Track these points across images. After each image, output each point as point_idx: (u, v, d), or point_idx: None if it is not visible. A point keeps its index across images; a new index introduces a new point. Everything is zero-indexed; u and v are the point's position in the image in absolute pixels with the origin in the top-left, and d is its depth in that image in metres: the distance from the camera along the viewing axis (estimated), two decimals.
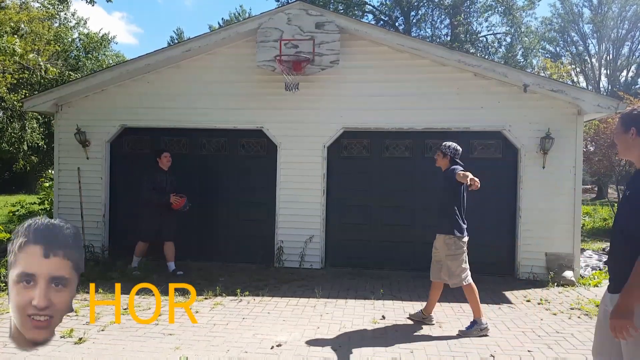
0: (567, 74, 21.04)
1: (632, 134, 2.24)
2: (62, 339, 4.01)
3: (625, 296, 2.03)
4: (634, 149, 2.26)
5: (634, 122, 2.24)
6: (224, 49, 7.16)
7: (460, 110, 6.70)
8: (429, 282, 4.67)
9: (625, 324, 2.00)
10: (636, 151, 2.25)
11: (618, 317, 2.03)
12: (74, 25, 25.75)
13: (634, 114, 2.26)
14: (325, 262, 7.02)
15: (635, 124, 2.23)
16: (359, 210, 7.06)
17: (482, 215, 6.78)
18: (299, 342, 4.05)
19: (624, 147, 2.32)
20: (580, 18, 30.19)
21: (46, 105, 7.42)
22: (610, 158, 11.67)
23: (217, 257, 7.00)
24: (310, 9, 6.78)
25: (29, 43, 14.52)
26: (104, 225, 7.38)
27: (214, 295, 5.38)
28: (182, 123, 7.22)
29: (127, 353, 3.75)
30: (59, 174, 7.51)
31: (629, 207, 2.19)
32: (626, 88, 26.72)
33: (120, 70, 7.30)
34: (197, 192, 6.98)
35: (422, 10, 27.71)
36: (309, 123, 6.98)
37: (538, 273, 6.48)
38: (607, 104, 6.30)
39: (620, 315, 2.02)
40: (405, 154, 7.03)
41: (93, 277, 6.06)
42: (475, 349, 3.97)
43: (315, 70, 6.62)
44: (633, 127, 2.23)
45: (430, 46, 7.08)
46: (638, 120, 2.23)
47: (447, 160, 4.61)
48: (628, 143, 2.28)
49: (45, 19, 20.15)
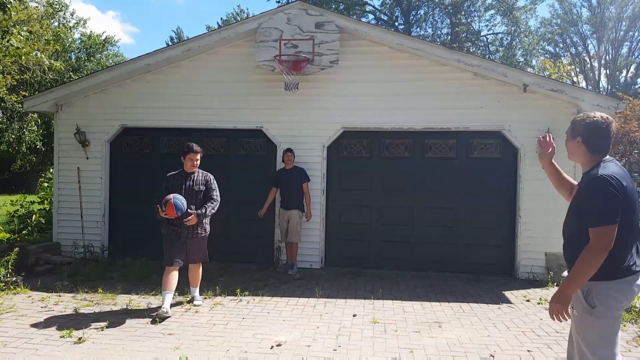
0: (566, 74, 21.05)
1: (578, 142, 2.47)
2: (62, 338, 4.00)
3: (565, 285, 2.32)
4: (579, 156, 2.50)
5: (580, 132, 2.46)
6: (223, 48, 7.17)
7: (460, 109, 6.70)
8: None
9: (562, 309, 2.31)
10: (580, 157, 2.50)
11: (556, 301, 2.33)
12: (74, 25, 25.73)
13: (582, 124, 2.46)
14: (325, 262, 7.02)
15: (582, 134, 2.45)
16: (359, 210, 7.06)
17: (482, 215, 6.80)
18: (299, 342, 4.05)
19: (571, 152, 2.55)
20: (580, 19, 30.21)
21: (46, 105, 7.41)
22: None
23: (217, 257, 6.96)
24: (310, 9, 6.78)
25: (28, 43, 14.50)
26: (103, 225, 7.37)
27: (213, 295, 5.38)
28: (181, 123, 7.22)
29: (127, 353, 3.75)
30: (59, 173, 7.51)
31: (576, 204, 2.45)
32: (625, 88, 26.76)
33: (120, 70, 7.29)
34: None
35: (422, 10, 27.73)
36: (309, 123, 6.98)
37: (538, 273, 6.48)
38: (607, 104, 6.30)
39: (558, 300, 2.32)
40: (405, 154, 7.03)
41: (93, 277, 6.08)
42: (475, 348, 3.97)
43: (315, 70, 6.63)
44: (579, 137, 2.46)
45: (429, 46, 7.07)
46: (584, 131, 2.44)
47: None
48: (574, 149, 2.51)
49: (43, 18, 20.13)
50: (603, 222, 2.22)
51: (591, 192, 2.31)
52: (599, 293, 2.28)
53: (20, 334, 4.10)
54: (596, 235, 2.24)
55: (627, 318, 4.75)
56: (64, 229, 7.41)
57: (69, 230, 7.37)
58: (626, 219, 2.25)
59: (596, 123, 2.41)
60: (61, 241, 7.40)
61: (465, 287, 6.07)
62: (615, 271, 2.27)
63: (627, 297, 2.31)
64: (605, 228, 2.22)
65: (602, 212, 2.23)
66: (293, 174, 6.61)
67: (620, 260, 2.28)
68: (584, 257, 2.25)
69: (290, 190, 6.57)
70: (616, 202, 2.23)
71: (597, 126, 2.41)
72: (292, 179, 6.59)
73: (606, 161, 2.40)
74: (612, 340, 2.30)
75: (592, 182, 2.32)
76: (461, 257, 6.82)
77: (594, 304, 2.29)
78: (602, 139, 2.42)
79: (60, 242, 7.40)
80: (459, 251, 6.84)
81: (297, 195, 6.58)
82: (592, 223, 2.26)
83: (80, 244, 7.23)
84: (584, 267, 2.25)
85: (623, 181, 2.27)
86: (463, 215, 6.83)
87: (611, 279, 2.27)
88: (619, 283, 2.28)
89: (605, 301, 2.28)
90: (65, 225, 7.42)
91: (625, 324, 4.65)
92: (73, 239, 7.27)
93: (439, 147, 6.95)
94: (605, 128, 2.41)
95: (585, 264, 2.24)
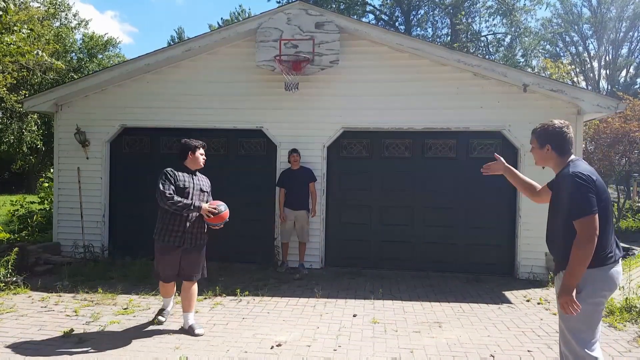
0: (567, 74, 21.05)
1: (547, 149, 2.72)
2: (62, 338, 4.01)
3: (566, 278, 2.48)
4: (550, 160, 2.75)
5: (548, 140, 2.70)
6: (223, 48, 7.17)
7: (460, 110, 6.70)
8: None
9: (569, 300, 2.44)
10: (552, 161, 2.74)
11: (562, 296, 2.47)
12: (75, 26, 25.76)
13: (549, 132, 2.70)
14: (325, 262, 7.02)
15: (550, 141, 2.70)
16: (359, 210, 7.06)
17: (482, 215, 6.80)
18: (299, 342, 4.05)
19: (542, 159, 2.79)
20: (580, 19, 30.21)
21: (46, 105, 7.42)
22: (610, 158, 11.68)
23: (217, 257, 6.96)
24: (310, 9, 6.78)
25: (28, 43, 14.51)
26: (103, 225, 7.38)
27: (213, 295, 5.38)
28: (182, 123, 7.22)
29: (127, 353, 3.75)
30: (59, 173, 7.51)
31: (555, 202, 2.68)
32: (625, 88, 26.76)
33: (120, 70, 7.29)
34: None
35: (423, 10, 27.73)
36: (309, 123, 6.98)
37: (538, 273, 6.48)
38: (607, 104, 6.30)
39: (563, 293, 2.47)
40: (404, 154, 7.03)
41: (93, 277, 6.07)
42: (475, 348, 3.97)
43: (315, 70, 6.63)
44: (548, 145, 2.71)
45: (429, 46, 7.07)
46: (552, 137, 2.69)
47: None
48: (544, 156, 2.75)
49: (45, 19, 20.14)
50: (584, 213, 2.43)
51: (568, 188, 2.51)
52: (584, 279, 2.48)
53: (20, 334, 4.10)
54: (581, 226, 2.44)
55: (627, 318, 4.75)
56: (64, 229, 7.41)
57: (69, 231, 7.37)
58: (601, 209, 2.47)
59: (560, 129, 2.69)
60: (61, 241, 7.40)
61: (466, 287, 6.06)
62: (597, 259, 2.47)
63: (609, 284, 2.53)
64: (588, 218, 2.43)
65: (581, 204, 2.44)
66: (300, 174, 6.62)
67: (601, 249, 2.49)
68: (576, 249, 2.44)
69: (297, 190, 6.58)
70: (590, 193, 2.45)
71: (561, 131, 2.68)
72: (299, 179, 6.60)
73: (574, 160, 2.66)
74: (594, 325, 2.51)
75: (567, 180, 2.53)
76: (461, 257, 6.82)
77: (579, 290, 2.49)
78: (568, 142, 2.69)
79: (60, 242, 7.40)
80: (459, 251, 6.84)
81: (304, 195, 6.60)
82: (575, 216, 2.46)
83: (80, 244, 7.23)
84: (578, 257, 2.43)
85: (592, 175, 2.50)
86: (463, 215, 6.83)
87: (595, 267, 2.48)
88: (602, 270, 2.50)
89: (589, 286, 2.49)
90: (65, 225, 7.42)
91: (625, 324, 4.65)
92: (73, 239, 7.27)
93: (439, 147, 6.95)
94: (567, 131, 2.69)
95: (579, 255, 2.43)
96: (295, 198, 6.58)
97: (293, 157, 6.61)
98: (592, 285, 2.49)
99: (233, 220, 7.14)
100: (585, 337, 2.50)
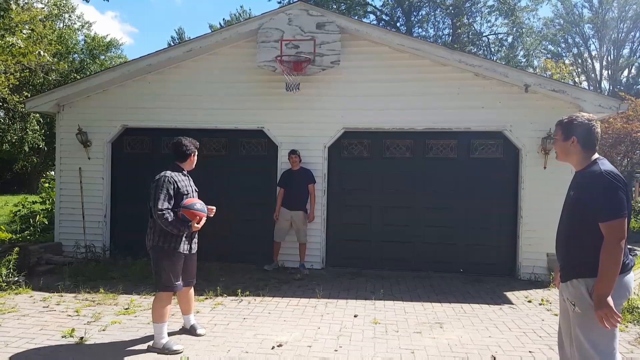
0: (568, 74, 21.02)
1: (572, 142, 2.53)
2: (64, 338, 4.01)
3: (599, 289, 2.30)
4: (574, 155, 2.56)
5: (574, 131, 2.53)
6: (224, 49, 7.17)
7: (461, 110, 6.70)
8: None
9: (609, 312, 2.26)
10: (575, 156, 2.56)
11: (600, 308, 2.29)
12: (79, 28, 25.83)
13: (576, 123, 2.53)
14: (325, 262, 7.02)
15: (576, 133, 2.52)
16: (360, 211, 7.06)
17: (483, 216, 6.79)
18: (300, 342, 4.05)
19: (565, 153, 2.60)
20: (581, 19, 30.16)
21: (48, 106, 7.43)
22: (612, 158, 11.66)
23: (218, 257, 7.00)
24: (311, 9, 6.79)
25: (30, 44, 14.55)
26: (105, 225, 7.39)
27: (214, 295, 5.39)
28: (183, 123, 7.23)
29: (128, 353, 3.75)
30: (61, 174, 7.53)
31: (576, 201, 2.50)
32: (627, 88, 26.71)
33: (122, 70, 7.31)
34: (197, 192, 6.97)
35: (424, 10, 27.71)
36: (310, 123, 6.98)
37: (539, 273, 6.47)
38: (609, 104, 6.29)
39: (601, 306, 2.28)
40: (405, 154, 7.02)
41: (95, 277, 6.09)
42: (476, 349, 3.96)
43: (316, 70, 6.63)
44: (574, 136, 2.53)
45: (430, 46, 7.07)
46: (579, 129, 2.52)
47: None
48: (568, 149, 2.57)
49: (48, 19, 20.18)
50: (615, 216, 2.28)
51: (599, 188, 2.35)
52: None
53: (22, 334, 4.11)
54: (611, 229, 2.29)
55: (630, 319, 4.74)
56: (66, 229, 7.43)
57: (71, 231, 7.38)
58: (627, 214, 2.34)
59: (588, 121, 2.53)
60: (63, 241, 7.42)
61: (466, 287, 6.06)
62: None
63: (625, 292, 2.42)
64: (619, 221, 2.28)
65: (613, 206, 2.29)
66: (300, 175, 6.64)
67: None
68: (606, 254, 2.29)
69: (296, 191, 6.59)
70: (622, 194, 2.31)
71: (589, 124, 2.52)
72: (298, 180, 6.62)
73: (600, 159, 2.50)
74: (613, 334, 2.37)
75: (598, 179, 2.36)
76: (462, 257, 6.81)
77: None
78: (594, 136, 2.53)
79: (62, 242, 7.41)
80: (459, 251, 6.83)
81: (303, 196, 6.61)
82: (603, 218, 2.30)
83: (82, 244, 7.24)
84: (609, 263, 2.29)
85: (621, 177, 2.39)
86: (464, 216, 6.82)
87: None
88: (619, 278, 2.35)
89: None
90: (66, 225, 7.43)
91: (627, 324, 4.64)
92: (75, 239, 7.28)
93: (440, 147, 6.94)
94: (595, 125, 2.53)
95: (609, 260, 2.29)
96: (292, 198, 6.59)
97: (292, 158, 6.63)
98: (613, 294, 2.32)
99: (234, 220, 7.19)
100: (606, 349, 2.36)
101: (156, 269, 3.80)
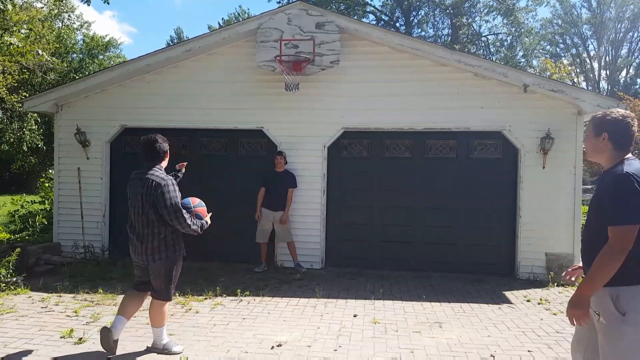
0: (567, 74, 21.06)
1: (604, 138, 2.34)
2: (63, 339, 4.00)
3: (581, 288, 2.20)
4: (604, 153, 2.37)
5: (606, 128, 2.34)
6: (224, 49, 7.17)
7: (460, 110, 6.70)
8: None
9: (582, 314, 2.18)
10: (605, 154, 2.36)
11: (574, 307, 2.20)
12: (78, 27, 25.79)
13: (607, 120, 2.34)
14: (325, 262, 7.02)
15: (608, 130, 2.33)
16: (359, 210, 7.06)
17: (482, 216, 6.80)
18: (299, 342, 4.05)
19: (594, 150, 2.41)
20: (580, 19, 30.23)
21: (46, 106, 7.42)
22: None
23: (218, 257, 6.99)
24: (310, 9, 6.78)
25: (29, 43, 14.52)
26: (104, 226, 7.37)
27: (214, 295, 5.38)
28: (182, 123, 7.22)
29: (127, 353, 3.74)
30: (59, 174, 7.51)
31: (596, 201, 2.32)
32: (625, 88, 26.80)
33: (121, 70, 7.30)
34: (197, 192, 6.94)
35: (423, 10, 27.75)
36: (309, 123, 6.98)
37: (538, 273, 6.48)
38: (607, 104, 6.30)
39: (576, 305, 2.19)
40: (405, 154, 7.03)
41: (94, 277, 6.08)
42: (475, 348, 3.96)
43: (316, 70, 6.63)
44: (605, 133, 2.33)
45: (430, 46, 7.08)
46: (611, 126, 2.32)
47: None
48: (598, 147, 2.38)
49: (47, 19, 20.14)
50: (625, 221, 2.10)
51: (615, 188, 2.18)
52: (628, 298, 2.12)
53: (20, 335, 4.10)
54: (616, 235, 2.11)
55: None
56: (65, 230, 7.42)
57: (70, 231, 7.37)
58: None
59: (623, 117, 2.33)
60: (61, 241, 7.40)
61: (466, 287, 6.06)
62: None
63: None
64: (627, 228, 2.09)
65: (624, 210, 2.11)
66: (284, 177, 6.67)
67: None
68: (601, 258, 2.13)
69: (279, 192, 6.63)
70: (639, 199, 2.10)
71: (624, 121, 2.32)
72: (282, 182, 6.65)
73: (629, 159, 2.29)
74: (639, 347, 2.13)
75: (617, 179, 2.19)
76: (461, 257, 6.82)
77: (623, 311, 2.12)
78: (628, 135, 2.33)
79: (61, 243, 7.40)
80: (459, 251, 6.84)
81: (284, 197, 6.66)
82: (612, 221, 2.13)
83: (81, 245, 7.23)
84: (600, 268, 2.12)
85: None
86: (463, 216, 6.83)
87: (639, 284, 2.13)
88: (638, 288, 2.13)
89: (637, 307, 2.11)
90: (65, 225, 7.42)
91: None
92: (73, 240, 7.27)
93: (440, 147, 6.95)
94: (629, 123, 2.33)
95: (602, 265, 2.12)
96: (274, 199, 6.61)
97: (278, 159, 6.66)
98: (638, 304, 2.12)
99: (234, 220, 7.18)
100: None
101: (167, 280, 3.62)
